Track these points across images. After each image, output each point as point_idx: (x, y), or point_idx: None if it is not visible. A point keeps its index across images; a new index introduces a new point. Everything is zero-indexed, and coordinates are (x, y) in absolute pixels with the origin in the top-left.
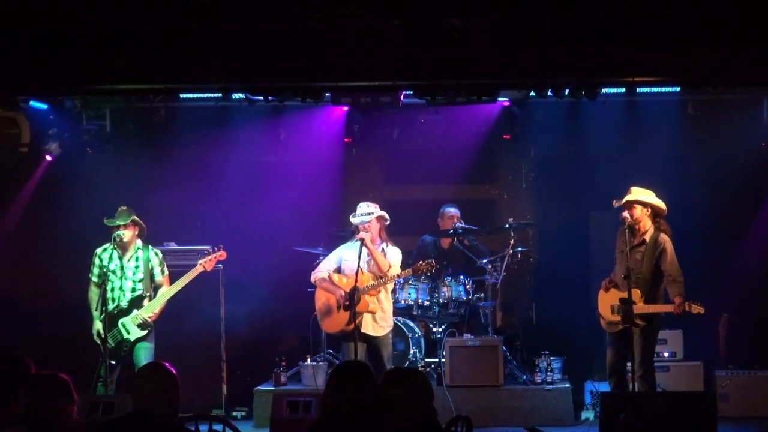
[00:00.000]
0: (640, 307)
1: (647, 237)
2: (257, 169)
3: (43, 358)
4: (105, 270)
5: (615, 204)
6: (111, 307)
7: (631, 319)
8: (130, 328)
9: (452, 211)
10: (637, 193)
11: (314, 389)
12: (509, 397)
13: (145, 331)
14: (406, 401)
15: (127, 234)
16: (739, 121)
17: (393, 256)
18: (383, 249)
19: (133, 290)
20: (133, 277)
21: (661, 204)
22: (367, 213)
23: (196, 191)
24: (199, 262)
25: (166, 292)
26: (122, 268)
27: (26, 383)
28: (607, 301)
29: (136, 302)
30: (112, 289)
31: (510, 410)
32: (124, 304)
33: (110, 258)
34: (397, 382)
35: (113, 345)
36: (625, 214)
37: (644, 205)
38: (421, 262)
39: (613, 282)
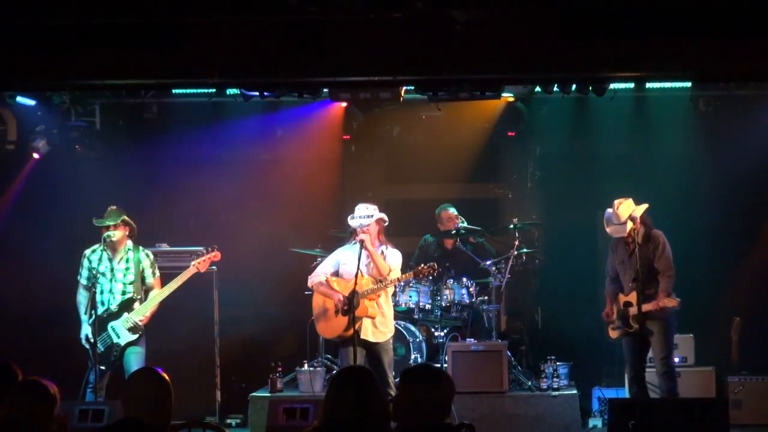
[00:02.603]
0: (634, 309)
1: (639, 238)
2: (252, 168)
3: (30, 362)
4: (94, 272)
5: (613, 231)
6: (100, 310)
7: (629, 323)
8: (120, 331)
9: (451, 211)
10: (624, 209)
11: (311, 396)
12: (514, 404)
13: (136, 335)
14: (419, 400)
15: (117, 234)
16: (753, 117)
17: (393, 260)
18: (383, 252)
19: (124, 293)
20: (124, 279)
21: (643, 208)
22: (366, 215)
23: (189, 190)
24: (193, 263)
25: (158, 294)
26: (112, 270)
27: (10, 389)
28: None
29: (127, 305)
30: (102, 292)
31: (515, 417)
32: (114, 307)
33: (99, 259)
34: (414, 381)
35: (102, 350)
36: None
37: (633, 220)
38: (422, 265)
39: (612, 318)
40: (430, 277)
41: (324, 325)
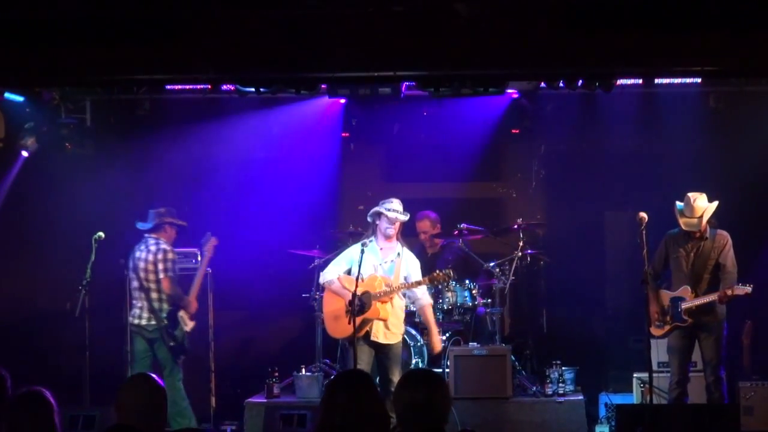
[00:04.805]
0: (688, 302)
1: (707, 235)
2: (248, 166)
3: (19, 366)
4: None
5: (685, 224)
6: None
7: (681, 317)
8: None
9: (422, 220)
10: (701, 203)
11: (309, 401)
12: (518, 410)
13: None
14: (409, 405)
15: None
16: (764, 114)
17: (414, 268)
18: (399, 254)
19: None
20: None
21: (714, 206)
22: (402, 212)
23: (183, 189)
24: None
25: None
26: None
27: (4, 399)
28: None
29: None
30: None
31: (519, 424)
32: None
33: None
34: (408, 387)
35: (180, 339)
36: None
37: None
38: (437, 271)
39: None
40: (445, 284)
41: (334, 325)
